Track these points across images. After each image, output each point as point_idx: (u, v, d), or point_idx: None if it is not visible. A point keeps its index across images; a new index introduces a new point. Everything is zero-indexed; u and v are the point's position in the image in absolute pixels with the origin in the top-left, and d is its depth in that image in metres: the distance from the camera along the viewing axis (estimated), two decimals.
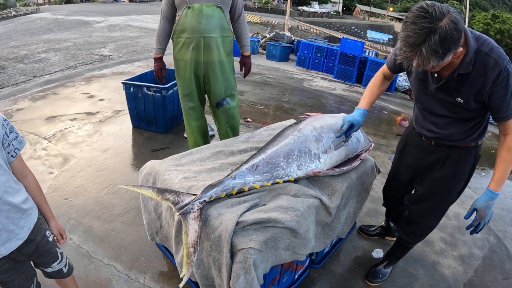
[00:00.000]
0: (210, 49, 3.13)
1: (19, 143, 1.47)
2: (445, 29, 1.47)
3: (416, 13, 1.52)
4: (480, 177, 5.10)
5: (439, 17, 1.47)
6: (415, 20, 1.51)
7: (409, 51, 1.56)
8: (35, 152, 3.91)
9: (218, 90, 3.33)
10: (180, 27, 3.10)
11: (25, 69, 8.14)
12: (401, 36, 1.59)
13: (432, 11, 1.48)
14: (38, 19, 21.30)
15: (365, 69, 10.69)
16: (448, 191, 2.23)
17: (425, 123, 2.17)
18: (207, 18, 3.03)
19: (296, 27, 30.30)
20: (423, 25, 1.48)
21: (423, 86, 2.00)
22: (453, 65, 1.74)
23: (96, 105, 5.50)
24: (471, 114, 1.92)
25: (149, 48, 11.73)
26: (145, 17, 23.96)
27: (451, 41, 1.49)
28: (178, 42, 3.17)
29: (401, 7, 77.66)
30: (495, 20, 48.76)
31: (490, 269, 3.09)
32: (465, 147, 2.09)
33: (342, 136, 2.30)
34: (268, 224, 1.75)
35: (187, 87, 3.33)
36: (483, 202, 1.96)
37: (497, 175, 1.92)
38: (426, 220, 2.39)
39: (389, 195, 2.77)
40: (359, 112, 2.26)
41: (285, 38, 14.96)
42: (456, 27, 1.48)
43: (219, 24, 3.10)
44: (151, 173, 2.25)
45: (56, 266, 1.73)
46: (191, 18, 3.02)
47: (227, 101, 3.42)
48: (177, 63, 3.27)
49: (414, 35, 1.51)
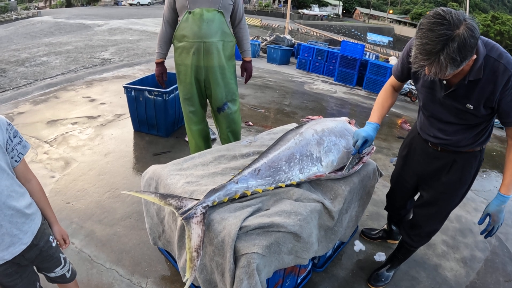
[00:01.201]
0: (210, 53, 3.13)
1: (23, 147, 1.48)
2: (463, 37, 1.44)
3: (433, 20, 1.48)
4: (482, 179, 5.09)
5: (457, 24, 1.44)
6: (432, 27, 1.47)
7: (425, 59, 1.51)
8: (37, 156, 3.91)
9: (219, 95, 3.34)
10: (180, 32, 3.11)
11: (26, 72, 8.15)
12: (416, 43, 1.54)
13: (450, 18, 1.45)
14: (39, 23, 21.33)
15: (365, 72, 10.70)
16: (455, 195, 2.23)
17: (431, 130, 2.15)
18: (208, 23, 3.03)
19: (296, 30, 30.31)
20: (441, 32, 1.44)
21: (430, 93, 1.98)
22: (463, 72, 1.71)
23: (97, 109, 5.51)
24: (479, 120, 1.91)
25: (150, 51, 11.74)
26: (145, 21, 24.00)
27: (469, 48, 1.46)
28: (179, 47, 3.18)
29: (401, 9, 77.79)
30: (495, 21, 48.79)
31: (492, 272, 3.08)
32: (471, 152, 2.10)
33: (356, 153, 2.27)
34: (271, 228, 1.75)
35: (188, 92, 3.34)
36: (495, 207, 1.98)
37: (507, 179, 1.94)
38: (431, 224, 2.39)
39: (394, 201, 2.76)
40: (371, 127, 2.22)
41: (285, 41, 15.00)
42: (473, 34, 1.45)
43: (220, 29, 3.11)
44: (153, 177, 2.25)
45: (59, 271, 1.73)
46: (192, 23, 3.02)
47: (228, 105, 3.42)
48: (178, 68, 3.28)
49: (431, 42, 1.47)
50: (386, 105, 2.31)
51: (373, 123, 2.23)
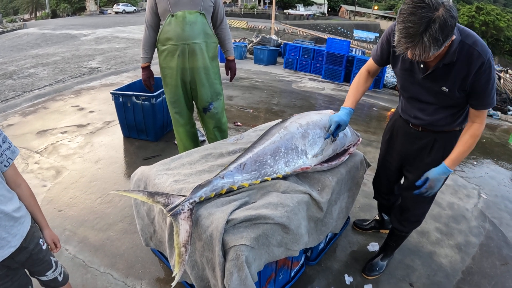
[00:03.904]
0: (195, 55, 3.16)
1: (12, 153, 1.49)
2: (443, 17, 1.51)
3: (413, 4, 1.55)
4: (473, 166, 5.15)
5: (436, 7, 1.52)
6: (414, 10, 1.54)
7: (410, 41, 1.58)
8: (28, 166, 3.90)
9: (205, 95, 3.37)
10: (164, 35, 3.13)
11: (14, 85, 8.12)
12: (399, 28, 1.61)
13: (429, 1, 1.53)
14: (25, 35, 21.28)
15: (352, 68, 10.76)
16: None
17: (412, 111, 2.22)
18: (191, 25, 3.07)
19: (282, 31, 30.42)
20: (423, 15, 1.52)
21: (409, 75, 2.05)
22: (439, 56, 1.80)
23: (87, 117, 5.51)
24: (455, 101, 1.98)
25: (137, 58, 11.73)
26: (132, 28, 23.98)
27: (450, 28, 1.55)
28: (164, 50, 3.20)
29: (385, 5, 78.20)
30: (480, 12, 49.19)
31: (487, 256, 3.12)
32: (451, 131, 2.16)
33: (330, 137, 2.31)
34: (258, 221, 1.77)
35: (174, 94, 3.37)
36: (436, 175, 2.07)
37: (454, 155, 2.04)
38: (419, 206, 2.43)
39: (379, 185, 2.80)
40: (345, 112, 2.27)
41: (272, 42, 15.05)
42: (452, 14, 1.53)
43: (202, 30, 3.15)
44: (142, 178, 2.26)
45: (51, 274, 1.73)
46: (175, 25, 3.05)
47: (214, 105, 3.47)
48: (164, 71, 3.30)
49: (414, 25, 1.54)
50: (361, 90, 2.36)
51: (346, 108, 2.28)
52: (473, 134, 1.99)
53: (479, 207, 3.94)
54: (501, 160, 5.66)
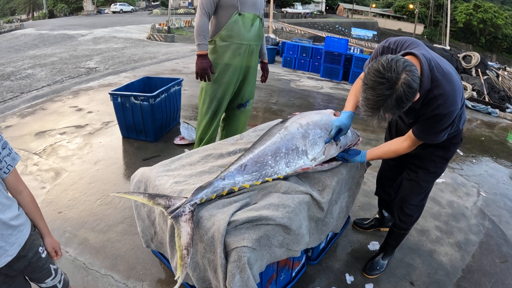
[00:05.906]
0: (253, 55, 3.44)
1: (12, 159, 1.46)
2: (400, 93, 1.60)
3: (374, 78, 1.63)
4: (472, 164, 5.17)
5: (395, 81, 1.60)
6: (374, 85, 1.64)
7: (369, 112, 1.71)
8: (27, 168, 3.89)
9: (247, 93, 3.65)
10: (227, 32, 3.19)
11: (12, 86, 8.11)
12: (362, 95, 1.72)
13: (389, 76, 1.59)
14: (23, 35, 21.22)
15: (351, 66, 10.77)
16: (433, 161, 2.34)
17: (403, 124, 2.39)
18: (254, 28, 3.31)
19: (280, 29, 30.40)
20: (379, 92, 1.62)
21: None
22: None
23: (85, 118, 5.49)
24: None
25: (135, 58, 11.72)
26: (129, 28, 23.96)
27: (406, 100, 1.65)
28: (225, 46, 3.25)
29: (383, 3, 78.15)
30: (477, 10, 49.26)
31: (487, 254, 3.13)
32: None
33: (330, 141, 2.32)
34: (259, 222, 1.77)
35: (225, 91, 3.44)
36: (354, 154, 2.38)
37: (376, 150, 2.32)
38: (414, 196, 2.45)
39: (384, 180, 2.86)
40: (346, 115, 2.30)
41: (269, 41, 15.07)
42: (411, 86, 1.61)
43: (259, 34, 3.42)
44: (142, 180, 2.26)
45: (50, 282, 1.72)
46: (242, 25, 3.20)
47: (249, 102, 3.76)
48: (223, 67, 3.31)
49: (372, 99, 1.66)
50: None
51: (347, 112, 2.32)
52: (396, 150, 2.22)
53: (478, 205, 3.95)
54: (500, 158, 5.67)
